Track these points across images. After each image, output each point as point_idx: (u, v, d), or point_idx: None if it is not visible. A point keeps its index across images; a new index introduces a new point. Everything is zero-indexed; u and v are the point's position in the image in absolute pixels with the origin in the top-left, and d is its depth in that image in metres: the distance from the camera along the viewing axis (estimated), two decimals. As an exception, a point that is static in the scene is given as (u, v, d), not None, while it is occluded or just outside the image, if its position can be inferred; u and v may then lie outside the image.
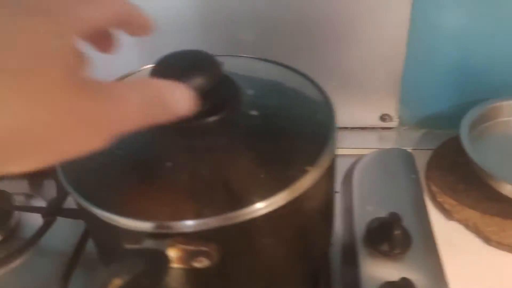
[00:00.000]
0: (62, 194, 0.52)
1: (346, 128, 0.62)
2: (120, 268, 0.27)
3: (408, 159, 0.57)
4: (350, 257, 0.46)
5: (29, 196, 0.60)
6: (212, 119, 0.34)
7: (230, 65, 0.36)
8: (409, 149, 0.60)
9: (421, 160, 0.58)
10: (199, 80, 0.31)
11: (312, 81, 0.42)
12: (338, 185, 0.54)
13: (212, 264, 0.31)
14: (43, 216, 0.51)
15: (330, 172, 0.36)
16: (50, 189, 0.62)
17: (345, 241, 0.47)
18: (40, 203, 0.58)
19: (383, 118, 0.62)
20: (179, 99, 0.26)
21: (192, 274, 0.32)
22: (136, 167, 0.35)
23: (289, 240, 0.36)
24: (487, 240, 0.48)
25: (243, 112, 0.36)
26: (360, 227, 0.47)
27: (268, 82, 0.42)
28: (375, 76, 0.59)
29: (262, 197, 0.31)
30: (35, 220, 0.55)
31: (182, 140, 0.34)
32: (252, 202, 0.30)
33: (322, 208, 0.39)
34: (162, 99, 0.25)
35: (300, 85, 0.42)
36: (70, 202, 0.52)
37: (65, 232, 0.54)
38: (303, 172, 0.32)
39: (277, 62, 0.44)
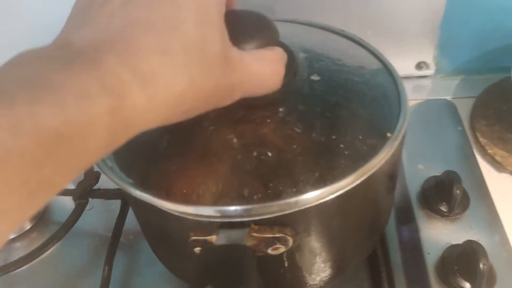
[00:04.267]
0: (92, 177, 0.50)
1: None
2: (209, 275, 0.26)
3: (451, 109, 0.56)
4: (406, 220, 0.46)
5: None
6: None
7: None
8: (448, 98, 0.59)
9: (463, 109, 0.57)
10: (261, 44, 0.30)
11: (360, 41, 0.41)
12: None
13: (289, 248, 0.31)
14: (75, 199, 0.50)
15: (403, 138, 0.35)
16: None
17: (399, 202, 0.47)
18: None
19: (419, 66, 0.61)
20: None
21: (264, 262, 0.32)
22: (189, 147, 0.33)
23: (362, 212, 0.36)
24: (542, 190, 0.49)
25: (303, 78, 0.35)
26: (413, 187, 0.47)
27: (315, 45, 0.40)
28: (412, 21, 0.57)
29: (346, 171, 0.30)
30: (64, 202, 0.55)
31: (243, 115, 0.32)
32: (338, 178, 0.29)
33: (393, 176, 0.39)
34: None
35: (348, 47, 0.41)
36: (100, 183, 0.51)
37: (96, 213, 0.54)
38: (384, 139, 0.31)
39: (314, 24, 0.43)
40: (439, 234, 0.43)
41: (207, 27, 0.24)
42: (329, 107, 0.34)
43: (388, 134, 0.33)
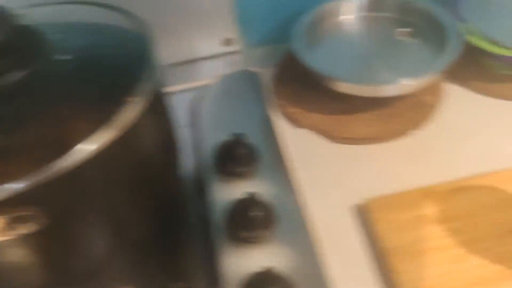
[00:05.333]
0: None
1: (189, 61, 0.65)
2: None
3: (254, 79, 0.61)
4: (203, 186, 0.50)
5: None
6: (15, 76, 0.35)
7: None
8: (257, 69, 0.64)
9: (266, 77, 0.62)
10: None
11: (127, 14, 0.44)
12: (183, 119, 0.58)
13: (43, 225, 0.33)
14: None
15: (158, 105, 0.38)
16: None
17: (197, 172, 0.51)
18: None
19: (226, 42, 0.65)
20: None
21: (24, 242, 0.34)
22: None
23: (128, 180, 0.39)
24: (333, 138, 0.54)
25: (53, 60, 0.37)
26: (209, 155, 0.51)
27: (79, 23, 0.43)
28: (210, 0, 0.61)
29: (86, 138, 0.33)
30: None
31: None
32: (76, 146, 0.32)
33: (160, 142, 0.42)
34: None
35: (115, 21, 0.44)
36: None
37: None
38: (123, 104, 0.35)
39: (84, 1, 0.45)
40: (231, 194, 0.47)
41: None
42: (78, 84, 0.37)
43: (130, 99, 0.36)
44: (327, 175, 0.51)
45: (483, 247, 0.43)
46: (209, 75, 0.63)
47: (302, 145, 0.54)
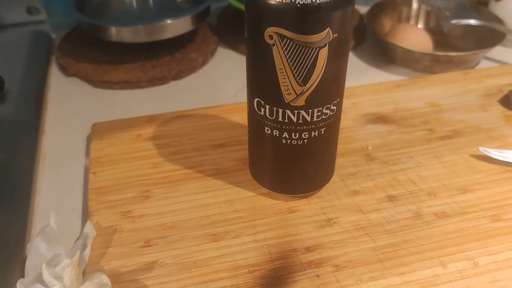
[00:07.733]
0: None
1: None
2: None
3: (44, 38, 0.67)
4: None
5: None
6: None
7: None
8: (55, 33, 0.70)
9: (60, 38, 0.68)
10: None
11: None
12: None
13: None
14: None
15: None
16: None
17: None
18: None
19: (30, 11, 0.71)
20: None
21: None
22: None
23: None
24: (93, 82, 0.60)
25: None
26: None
27: None
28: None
29: None
30: None
31: None
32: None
33: None
34: None
35: None
36: None
37: None
38: None
39: None
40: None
41: None
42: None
43: None
44: (75, 110, 0.56)
45: (181, 157, 0.48)
46: (16, 42, 0.68)
47: (66, 89, 0.60)
